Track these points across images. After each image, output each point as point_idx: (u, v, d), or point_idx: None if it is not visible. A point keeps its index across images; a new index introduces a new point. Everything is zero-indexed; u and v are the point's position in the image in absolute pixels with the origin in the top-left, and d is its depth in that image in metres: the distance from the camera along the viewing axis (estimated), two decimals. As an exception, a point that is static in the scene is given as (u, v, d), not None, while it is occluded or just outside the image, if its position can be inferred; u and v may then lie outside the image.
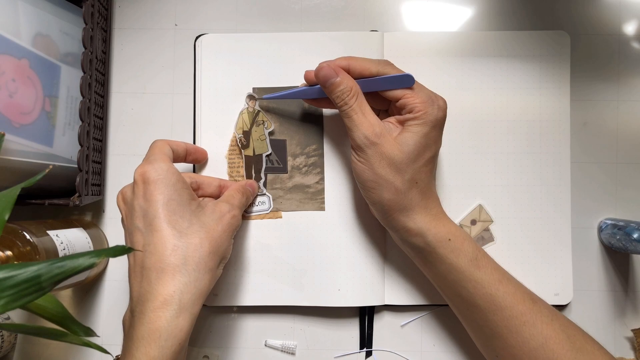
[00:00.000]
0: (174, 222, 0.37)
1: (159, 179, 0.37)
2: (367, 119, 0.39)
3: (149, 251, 0.36)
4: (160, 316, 0.34)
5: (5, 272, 0.26)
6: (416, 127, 0.39)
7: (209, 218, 0.38)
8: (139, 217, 0.37)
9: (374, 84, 0.40)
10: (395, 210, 0.40)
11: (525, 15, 0.49)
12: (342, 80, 0.39)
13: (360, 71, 0.40)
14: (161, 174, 0.38)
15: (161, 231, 0.36)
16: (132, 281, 0.37)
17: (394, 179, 0.39)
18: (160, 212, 0.37)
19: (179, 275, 0.35)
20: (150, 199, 0.37)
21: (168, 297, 0.35)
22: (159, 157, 0.39)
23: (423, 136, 0.39)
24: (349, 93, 0.39)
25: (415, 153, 0.39)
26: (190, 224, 0.37)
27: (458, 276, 0.40)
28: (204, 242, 0.37)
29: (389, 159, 0.39)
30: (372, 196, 0.40)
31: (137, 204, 0.37)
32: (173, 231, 0.36)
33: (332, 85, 0.40)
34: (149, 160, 0.39)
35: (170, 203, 0.37)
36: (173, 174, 0.39)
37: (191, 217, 0.38)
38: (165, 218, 0.36)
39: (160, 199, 0.37)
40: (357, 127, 0.39)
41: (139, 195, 0.38)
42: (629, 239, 0.43)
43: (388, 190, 0.39)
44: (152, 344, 0.34)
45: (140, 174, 0.38)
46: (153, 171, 0.38)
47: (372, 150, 0.39)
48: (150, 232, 0.36)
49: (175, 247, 0.36)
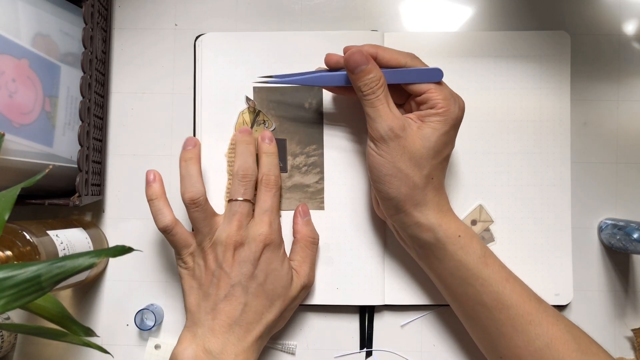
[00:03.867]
0: (269, 292, 0.43)
1: (272, 245, 0.43)
2: (392, 111, 0.38)
3: (245, 311, 0.41)
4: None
5: (5, 272, 0.26)
6: (438, 123, 0.38)
7: (293, 288, 0.45)
8: (247, 275, 0.42)
9: (401, 75, 0.40)
10: (410, 206, 0.40)
11: (525, 15, 0.49)
12: (373, 67, 0.38)
13: (388, 61, 0.39)
14: (276, 240, 0.43)
15: (259, 298, 0.42)
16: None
17: (413, 174, 0.39)
18: (265, 280, 0.42)
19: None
20: (262, 265, 0.42)
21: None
22: (274, 219, 0.44)
23: (444, 133, 0.39)
24: (377, 82, 0.38)
25: (436, 149, 0.39)
26: (279, 296, 0.43)
27: (466, 273, 0.40)
28: (277, 312, 0.44)
29: (410, 153, 0.38)
30: (388, 191, 0.39)
31: (251, 263, 0.42)
32: (266, 302, 0.42)
33: (362, 72, 0.38)
34: (265, 219, 0.43)
35: (274, 273, 0.43)
36: (280, 239, 0.44)
37: (282, 288, 0.43)
38: (265, 287, 0.42)
39: (269, 267, 0.42)
40: (382, 118, 0.38)
41: (256, 254, 0.42)
42: (629, 239, 0.43)
43: (406, 185, 0.39)
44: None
45: (259, 237, 0.42)
46: (269, 237, 0.43)
47: (395, 143, 0.38)
48: (251, 295, 0.42)
49: (262, 314, 0.42)
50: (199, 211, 0.42)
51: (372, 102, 0.38)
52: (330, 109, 0.47)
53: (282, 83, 0.43)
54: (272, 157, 0.44)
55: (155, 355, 0.47)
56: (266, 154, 0.44)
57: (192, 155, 0.43)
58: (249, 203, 0.43)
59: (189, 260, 0.43)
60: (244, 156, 0.43)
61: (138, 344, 0.48)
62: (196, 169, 0.43)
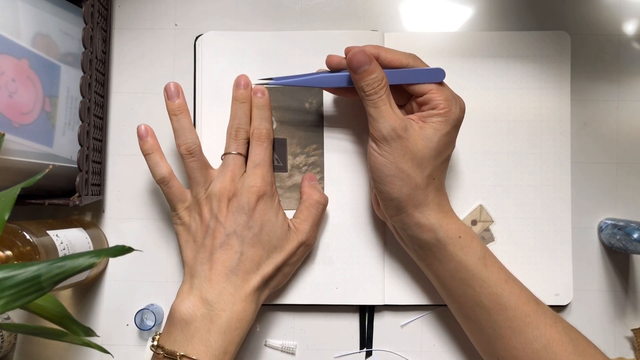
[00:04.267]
0: (265, 243, 0.43)
1: (265, 196, 0.43)
2: (394, 111, 0.38)
3: (241, 260, 0.42)
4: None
5: (5, 272, 0.26)
6: (439, 124, 0.38)
7: (290, 242, 0.45)
8: (243, 225, 0.42)
9: (403, 75, 0.40)
10: (411, 206, 0.40)
11: (525, 15, 0.49)
12: (375, 67, 0.38)
13: (390, 61, 0.40)
14: (269, 191, 0.44)
15: (255, 247, 0.42)
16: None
17: (415, 174, 0.39)
18: (260, 231, 0.43)
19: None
20: (257, 216, 0.43)
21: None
22: (267, 171, 0.44)
23: (446, 134, 0.39)
24: (380, 82, 0.38)
25: (438, 150, 0.39)
26: (275, 248, 0.44)
27: (466, 274, 0.40)
28: (277, 263, 0.44)
29: (412, 154, 0.38)
30: (390, 191, 0.39)
31: (245, 213, 0.42)
32: (262, 251, 0.43)
33: (365, 72, 0.38)
34: (257, 171, 0.43)
35: (268, 224, 0.43)
36: (273, 191, 0.45)
37: (277, 240, 0.44)
38: (260, 238, 0.43)
39: (264, 218, 0.43)
40: (385, 118, 0.38)
41: (250, 205, 0.42)
42: (629, 239, 0.43)
43: (408, 185, 0.39)
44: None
45: (252, 187, 0.42)
46: (262, 188, 0.43)
47: (397, 144, 0.38)
48: (247, 245, 0.42)
49: (259, 264, 0.43)
50: (194, 161, 0.43)
51: (374, 102, 0.38)
52: (330, 109, 0.47)
53: (283, 85, 0.43)
54: (264, 110, 0.44)
55: (155, 355, 0.47)
56: (257, 107, 0.44)
57: (180, 107, 0.43)
58: (241, 157, 0.43)
59: (185, 215, 0.44)
60: (237, 114, 0.44)
61: (138, 344, 0.48)
62: (187, 120, 0.43)
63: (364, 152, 0.47)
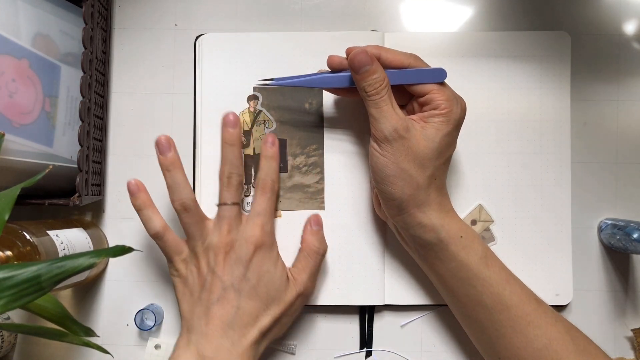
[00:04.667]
0: (262, 295, 0.42)
1: (264, 246, 0.43)
2: (396, 112, 0.38)
3: (238, 314, 0.41)
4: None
5: (5, 272, 0.26)
6: (441, 124, 0.38)
7: (288, 294, 0.44)
8: (239, 278, 0.42)
9: (404, 76, 0.40)
10: (413, 206, 0.40)
11: (525, 15, 0.49)
12: (377, 68, 0.38)
13: (391, 62, 0.40)
14: (268, 242, 0.43)
15: (252, 300, 0.42)
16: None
17: (417, 174, 0.39)
18: (257, 283, 0.42)
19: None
20: (254, 268, 0.42)
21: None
22: (267, 220, 0.44)
23: (447, 134, 0.39)
24: (381, 82, 0.38)
25: (439, 150, 0.39)
26: (273, 300, 0.43)
27: (467, 274, 0.40)
28: (275, 317, 0.43)
29: (414, 154, 0.38)
30: (392, 191, 0.39)
31: (243, 265, 0.42)
32: (260, 304, 0.42)
33: (367, 72, 0.38)
34: (257, 221, 0.43)
35: (266, 275, 0.42)
36: (273, 241, 0.45)
37: (276, 292, 0.43)
38: (258, 290, 0.42)
39: (262, 269, 0.42)
40: (386, 118, 0.38)
41: (247, 257, 0.42)
42: (629, 239, 0.43)
43: (409, 185, 0.39)
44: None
45: (251, 239, 0.42)
46: (261, 239, 0.42)
47: (400, 144, 0.38)
48: (244, 298, 0.41)
49: (256, 317, 0.42)
50: (190, 216, 0.42)
51: (376, 102, 0.38)
52: (330, 109, 0.47)
53: (284, 85, 0.43)
54: (272, 162, 0.44)
55: (155, 355, 0.47)
56: (266, 157, 0.44)
57: (173, 162, 0.42)
58: (237, 206, 0.43)
59: (182, 268, 0.43)
60: (228, 159, 0.43)
61: (138, 344, 0.48)
62: (181, 175, 0.42)
63: (364, 152, 0.47)
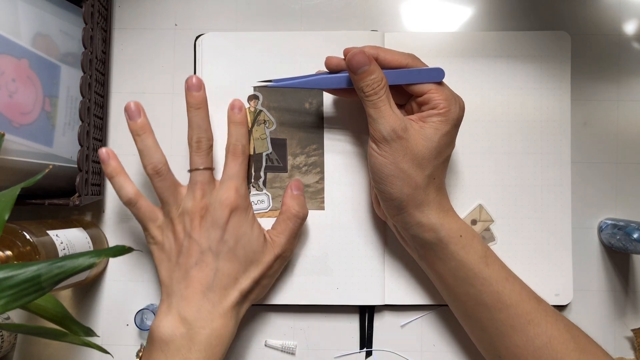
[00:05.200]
0: (241, 257, 0.43)
1: (239, 208, 0.43)
2: (394, 112, 0.38)
3: (217, 276, 0.42)
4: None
5: (5, 272, 0.26)
6: (440, 124, 0.38)
7: (267, 255, 0.45)
8: (217, 240, 0.42)
9: (402, 75, 0.40)
10: (412, 206, 0.39)
11: (525, 15, 0.49)
12: (375, 68, 0.38)
13: (389, 62, 0.40)
14: (243, 204, 0.43)
15: (231, 262, 0.42)
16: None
17: (416, 174, 0.39)
18: (235, 245, 0.42)
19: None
20: (231, 230, 0.42)
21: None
22: (240, 184, 0.44)
23: (446, 133, 0.39)
24: (379, 82, 0.38)
25: (438, 149, 0.39)
26: (252, 262, 0.43)
27: (467, 273, 0.40)
28: (256, 277, 0.44)
29: (413, 154, 0.38)
30: (391, 191, 0.39)
31: (220, 227, 0.42)
32: (239, 266, 0.43)
33: (365, 73, 0.38)
34: (230, 184, 0.43)
35: (244, 237, 0.43)
36: (248, 203, 0.45)
37: (254, 254, 0.43)
38: (236, 252, 0.42)
39: (239, 232, 0.43)
40: (385, 118, 0.38)
41: (223, 219, 0.42)
42: (629, 239, 0.43)
43: (408, 185, 0.39)
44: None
45: (225, 201, 0.42)
46: (235, 201, 0.43)
47: (398, 144, 0.38)
48: (222, 260, 0.42)
49: (236, 279, 0.43)
50: (162, 180, 0.42)
51: (374, 102, 0.38)
52: (330, 109, 0.47)
53: (282, 87, 0.43)
54: (240, 127, 0.44)
55: (155, 355, 0.47)
56: (234, 123, 0.44)
57: (142, 127, 0.42)
58: (209, 171, 0.43)
59: (157, 234, 0.43)
60: (195, 122, 0.43)
61: (138, 344, 0.48)
62: (151, 139, 0.42)
63: (364, 152, 0.47)
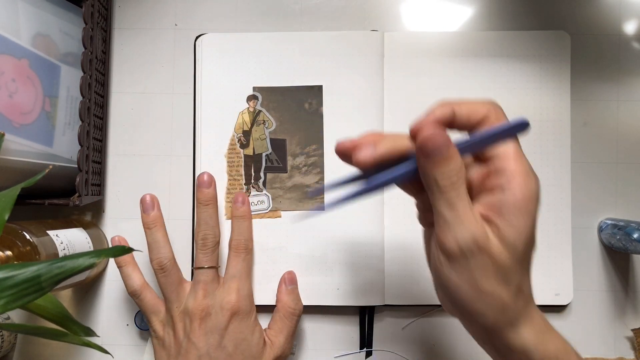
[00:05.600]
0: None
1: (240, 313, 0.42)
2: (473, 213, 0.28)
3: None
4: None
5: (5, 272, 0.26)
6: (521, 219, 0.28)
7: (266, 356, 0.44)
8: (215, 346, 0.41)
9: (478, 142, 0.29)
10: (501, 329, 0.30)
11: (525, 15, 0.49)
12: (454, 153, 0.28)
13: (467, 116, 0.30)
14: (246, 309, 0.42)
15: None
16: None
17: (501, 292, 0.29)
18: (234, 351, 0.41)
19: None
20: (231, 336, 0.41)
21: None
22: (243, 286, 0.43)
23: (530, 232, 0.29)
24: (458, 173, 0.28)
25: (524, 255, 0.29)
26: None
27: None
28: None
29: (496, 268, 0.29)
30: (470, 317, 0.31)
31: (219, 333, 0.41)
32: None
33: (444, 160, 0.28)
34: (233, 286, 0.42)
35: (243, 343, 0.42)
36: (252, 307, 0.43)
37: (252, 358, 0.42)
38: (234, 358, 0.41)
39: (239, 337, 0.42)
40: (463, 223, 0.28)
41: (223, 324, 0.41)
42: (629, 239, 0.43)
43: (492, 308, 0.30)
44: None
45: (227, 305, 0.41)
46: (238, 306, 0.42)
47: (479, 260, 0.28)
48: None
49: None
50: (166, 276, 0.42)
51: (450, 199, 0.28)
52: (330, 109, 0.47)
53: (343, 205, 0.33)
54: (243, 221, 0.44)
55: (155, 355, 0.47)
56: (236, 218, 0.44)
57: (154, 221, 0.43)
58: (213, 269, 0.43)
59: (159, 329, 0.43)
60: (202, 219, 0.43)
61: (138, 344, 0.48)
62: (161, 234, 0.43)
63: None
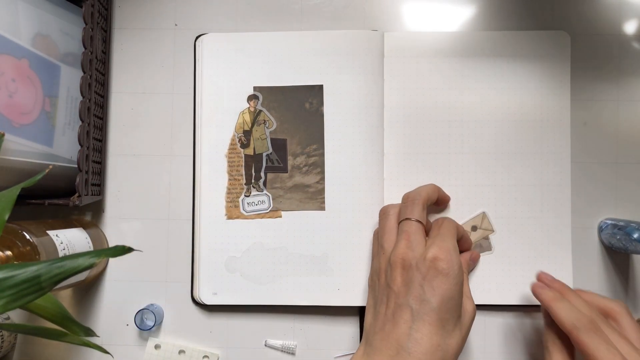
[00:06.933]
0: (445, 321, 0.37)
1: (450, 274, 0.37)
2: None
3: (414, 337, 0.36)
4: None
5: (5, 272, 0.26)
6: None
7: (466, 320, 0.39)
8: (417, 298, 0.37)
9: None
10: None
11: (525, 15, 0.49)
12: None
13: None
14: (455, 270, 0.38)
15: (432, 326, 0.36)
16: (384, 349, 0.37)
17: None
18: (439, 307, 0.37)
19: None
20: (436, 291, 0.37)
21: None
22: (453, 247, 0.39)
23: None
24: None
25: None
26: (454, 326, 0.37)
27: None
28: (459, 344, 0.37)
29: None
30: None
31: (420, 285, 0.37)
32: (442, 331, 0.36)
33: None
34: (442, 244, 0.39)
35: (450, 302, 0.37)
36: (461, 270, 0.38)
37: (457, 319, 0.38)
38: (440, 315, 0.37)
39: (445, 295, 0.37)
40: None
41: (426, 277, 0.37)
42: (629, 239, 0.43)
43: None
44: None
45: (432, 260, 0.38)
46: (446, 264, 0.37)
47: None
48: (421, 320, 0.37)
49: (438, 346, 0.36)
50: (383, 219, 0.43)
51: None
52: (330, 109, 0.47)
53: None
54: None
55: (155, 355, 0.47)
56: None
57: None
58: (419, 223, 0.41)
59: (374, 275, 0.43)
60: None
61: (138, 344, 0.48)
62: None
63: (365, 152, 0.47)
